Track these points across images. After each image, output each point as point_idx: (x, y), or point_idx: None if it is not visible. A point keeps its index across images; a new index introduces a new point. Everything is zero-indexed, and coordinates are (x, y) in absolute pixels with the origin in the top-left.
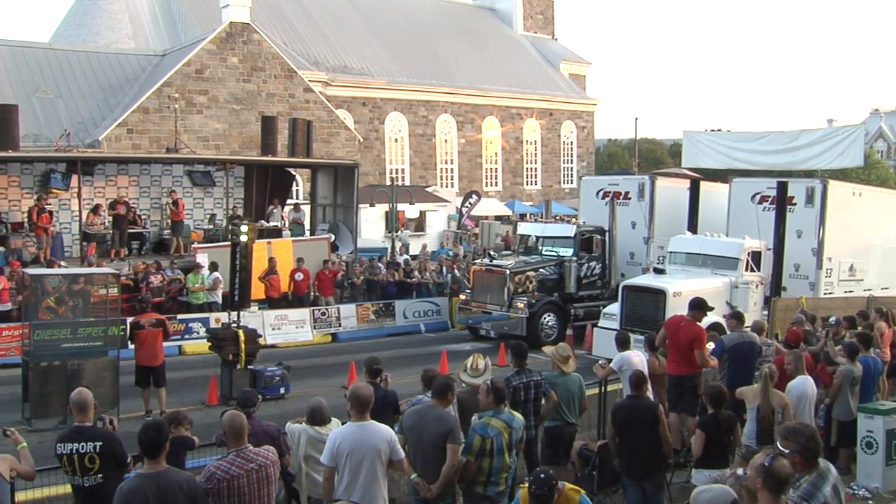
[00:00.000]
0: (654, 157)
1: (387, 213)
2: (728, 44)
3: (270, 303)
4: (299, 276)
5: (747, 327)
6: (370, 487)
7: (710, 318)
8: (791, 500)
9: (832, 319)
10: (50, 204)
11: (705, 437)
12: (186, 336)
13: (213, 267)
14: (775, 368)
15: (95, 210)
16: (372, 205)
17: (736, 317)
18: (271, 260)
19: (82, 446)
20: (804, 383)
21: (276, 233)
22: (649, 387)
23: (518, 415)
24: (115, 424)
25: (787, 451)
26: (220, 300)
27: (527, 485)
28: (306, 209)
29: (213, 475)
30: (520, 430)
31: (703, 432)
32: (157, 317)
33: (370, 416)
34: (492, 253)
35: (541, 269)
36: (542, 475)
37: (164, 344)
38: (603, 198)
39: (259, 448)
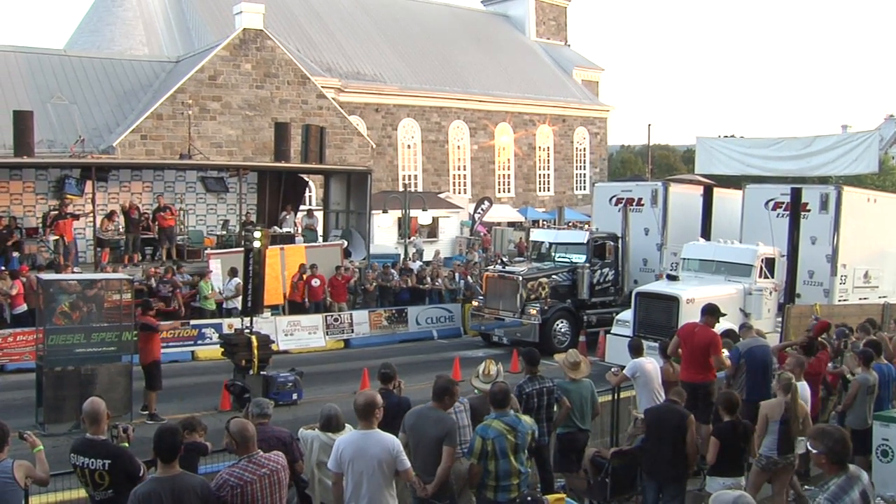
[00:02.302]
0: (667, 164)
1: (399, 219)
2: (741, 49)
3: (293, 308)
4: (316, 282)
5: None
6: (374, 496)
7: (723, 325)
8: (818, 502)
9: (835, 332)
10: (76, 214)
11: (720, 444)
12: (199, 342)
13: (233, 273)
14: (793, 377)
15: (110, 216)
16: (385, 211)
17: (745, 326)
18: (301, 266)
19: (92, 462)
20: (803, 389)
21: (289, 239)
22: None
23: (526, 418)
24: (129, 434)
25: (815, 451)
26: (240, 306)
27: None
28: (319, 215)
29: (225, 482)
30: (527, 434)
31: (718, 440)
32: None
33: (383, 422)
34: (504, 259)
35: (553, 276)
36: (530, 498)
37: (177, 350)
38: (616, 204)
39: (269, 453)
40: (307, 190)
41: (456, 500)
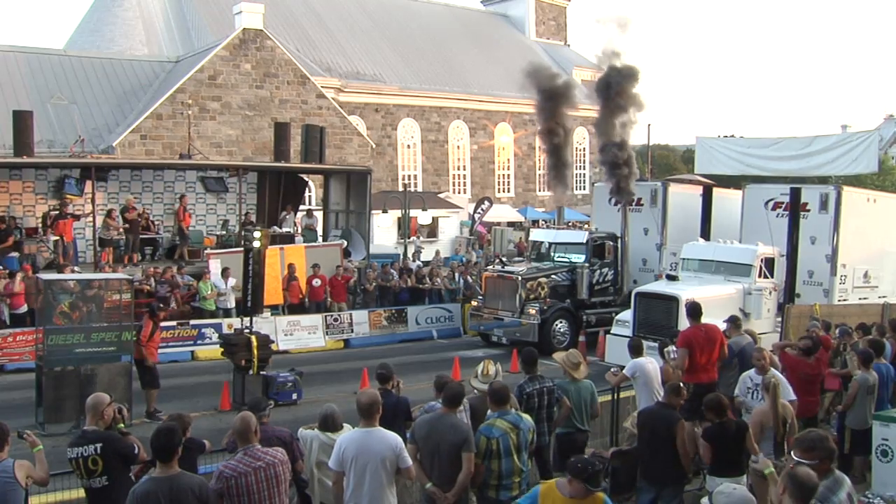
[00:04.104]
0: (666, 164)
1: (399, 219)
2: (741, 49)
3: (291, 308)
4: (317, 282)
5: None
6: (375, 494)
7: (723, 325)
8: None
9: (837, 330)
10: (77, 215)
11: (711, 447)
12: (199, 341)
13: (227, 272)
14: (776, 380)
15: (109, 214)
16: (384, 211)
17: (733, 321)
18: (290, 266)
19: (85, 449)
20: (782, 379)
21: (289, 239)
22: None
23: (526, 416)
24: (124, 414)
25: (810, 461)
26: (232, 305)
27: (570, 477)
28: (319, 215)
29: (221, 474)
30: (529, 432)
31: (709, 443)
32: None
33: (382, 422)
34: (504, 259)
35: (553, 276)
36: (587, 458)
37: (176, 350)
38: (615, 204)
39: (268, 448)
40: (307, 190)
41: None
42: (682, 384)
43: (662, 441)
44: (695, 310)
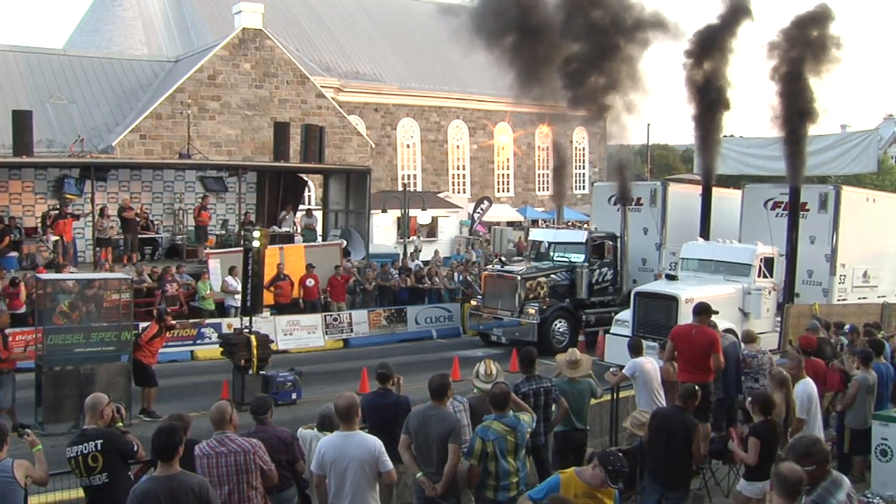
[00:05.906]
0: (666, 163)
1: (399, 218)
2: (739, 48)
3: (279, 309)
4: (310, 282)
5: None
6: (356, 497)
7: (723, 324)
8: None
9: (847, 327)
10: (76, 214)
11: (760, 444)
12: (199, 341)
13: (233, 271)
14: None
15: (102, 212)
16: (384, 210)
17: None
18: (279, 266)
19: (85, 447)
20: (807, 385)
21: (289, 238)
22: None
23: (525, 417)
24: (122, 413)
25: (809, 468)
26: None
27: (595, 463)
28: (318, 215)
29: (194, 452)
30: (525, 433)
31: (758, 439)
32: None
33: (382, 422)
34: (503, 258)
35: (552, 275)
36: (621, 456)
37: (176, 349)
38: (615, 204)
39: (243, 438)
40: (306, 189)
41: (460, 499)
42: (696, 387)
43: (679, 444)
44: (696, 308)
